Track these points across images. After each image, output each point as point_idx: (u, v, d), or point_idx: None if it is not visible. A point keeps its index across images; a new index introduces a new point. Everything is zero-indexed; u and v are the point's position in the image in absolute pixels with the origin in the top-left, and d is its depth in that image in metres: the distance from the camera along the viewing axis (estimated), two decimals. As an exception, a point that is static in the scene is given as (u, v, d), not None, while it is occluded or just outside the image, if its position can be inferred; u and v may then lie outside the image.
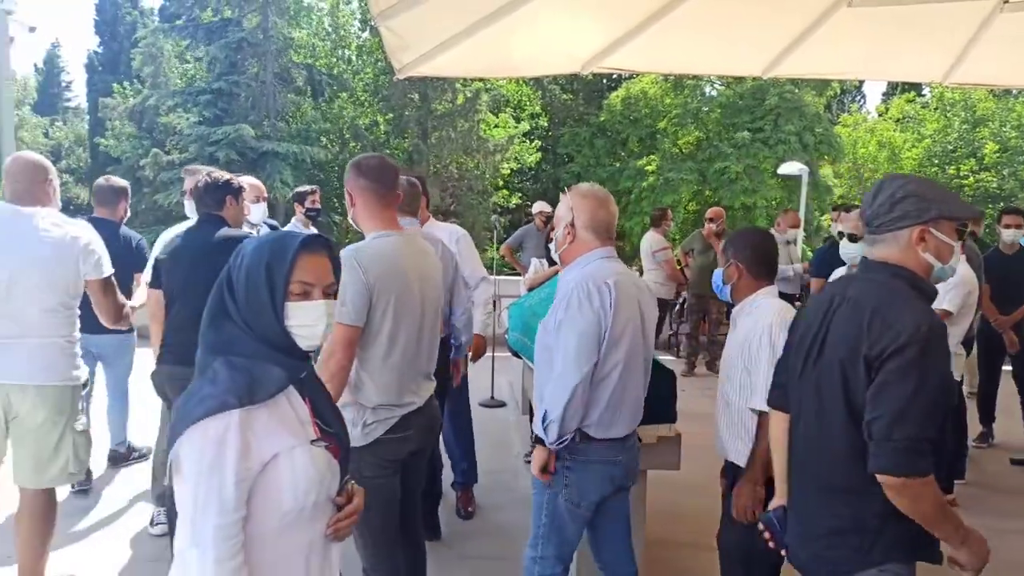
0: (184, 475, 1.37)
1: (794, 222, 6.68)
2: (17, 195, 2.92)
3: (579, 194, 2.46)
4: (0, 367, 2.84)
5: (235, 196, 3.28)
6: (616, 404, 2.37)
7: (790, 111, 19.45)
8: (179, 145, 20.02)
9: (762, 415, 2.32)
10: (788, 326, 2.27)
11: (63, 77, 39.23)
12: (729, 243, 2.62)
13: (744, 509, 2.38)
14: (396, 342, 2.43)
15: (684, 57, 5.64)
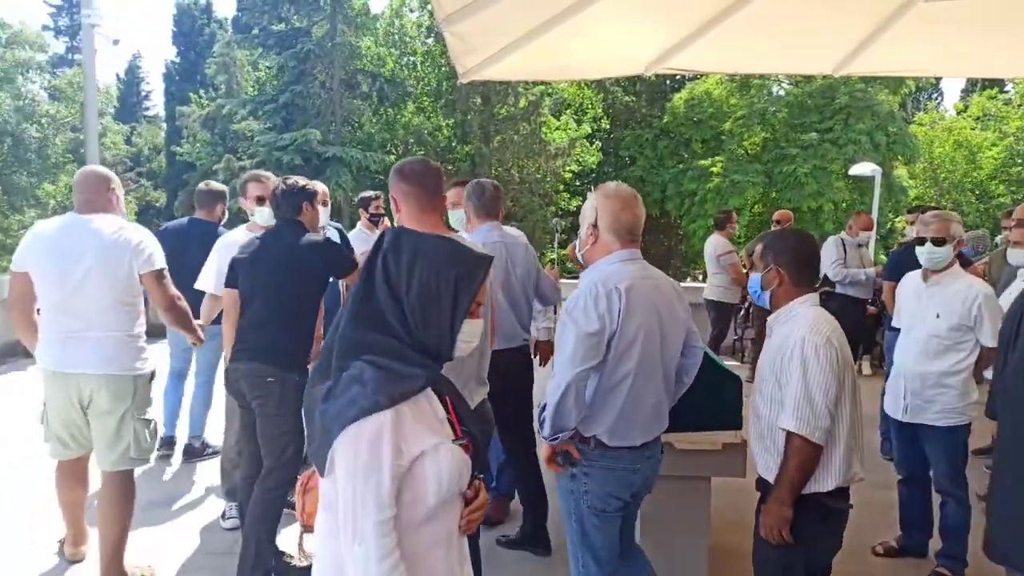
0: (340, 475, 1.41)
1: (866, 224, 6.45)
2: (83, 204, 3.23)
3: (604, 194, 2.41)
4: (70, 358, 3.12)
5: (311, 201, 3.35)
6: (630, 413, 2.32)
7: (861, 110, 18.83)
8: (249, 151, 20.66)
9: (790, 435, 2.23)
10: (825, 339, 2.23)
11: (143, 87, 40.93)
12: (768, 246, 2.46)
13: (770, 529, 2.29)
14: None
15: (751, 56, 5.53)
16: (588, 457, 2.34)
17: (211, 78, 24.58)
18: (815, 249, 2.49)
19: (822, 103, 19.40)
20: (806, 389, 2.20)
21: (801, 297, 2.37)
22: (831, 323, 2.33)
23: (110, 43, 9.42)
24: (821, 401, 2.19)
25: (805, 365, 2.21)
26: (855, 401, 2.32)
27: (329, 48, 20.82)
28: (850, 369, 2.31)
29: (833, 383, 2.21)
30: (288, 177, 3.40)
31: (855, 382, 2.34)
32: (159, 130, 35.64)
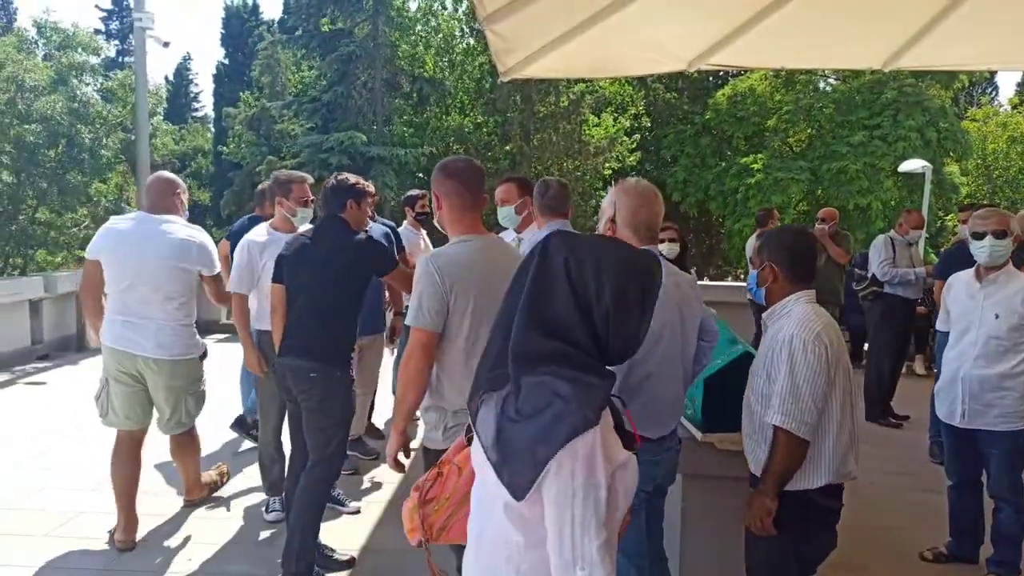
0: (551, 498, 1.31)
1: (917, 223, 6.28)
2: (151, 206, 3.69)
3: (623, 190, 2.42)
4: (130, 339, 3.60)
5: (357, 199, 3.39)
6: (651, 407, 2.35)
7: (911, 106, 18.31)
8: (293, 150, 20.99)
9: (776, 429, 2.24)
10: (815, 335, 2.22)
11: (192, 88, 41.86)
12: (764, 244, 2.47)
13: (753, 519, 2.31)
14: (476, 346, 2.39)
15: (796, 51, 5.43)
16: None
17: (256, 79, 25.02)
18: (811, 246, 2.47)
19: (870, 99, 18.93)
20: (793, 384, 2.21)
21: (796, 294, 2.37)
22: (824, 319, 2.32)
23: (160, 45, 9.65)
24: (808, 397, 2.20)
25: (793, 360, 2.22)
26: (848, 399, 2.32)
27: (371, 49, 21.03)
28: (843, 366, 2.30)
29: (821, 379, 2.21)
30: (340, 173, 3.48)
31: (849, 380, 2.34)
32: (207, 131, 36.41)
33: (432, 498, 1.66)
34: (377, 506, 4.31)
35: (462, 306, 2.40)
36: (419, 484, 1.71)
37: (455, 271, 2.39)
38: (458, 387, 2.43)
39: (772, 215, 7.52)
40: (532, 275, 1.41)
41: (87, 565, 3.53)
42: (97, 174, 15.66)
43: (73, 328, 8.39)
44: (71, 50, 15.78)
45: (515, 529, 1.37)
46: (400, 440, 2.55)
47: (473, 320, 2.42)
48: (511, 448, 1.34)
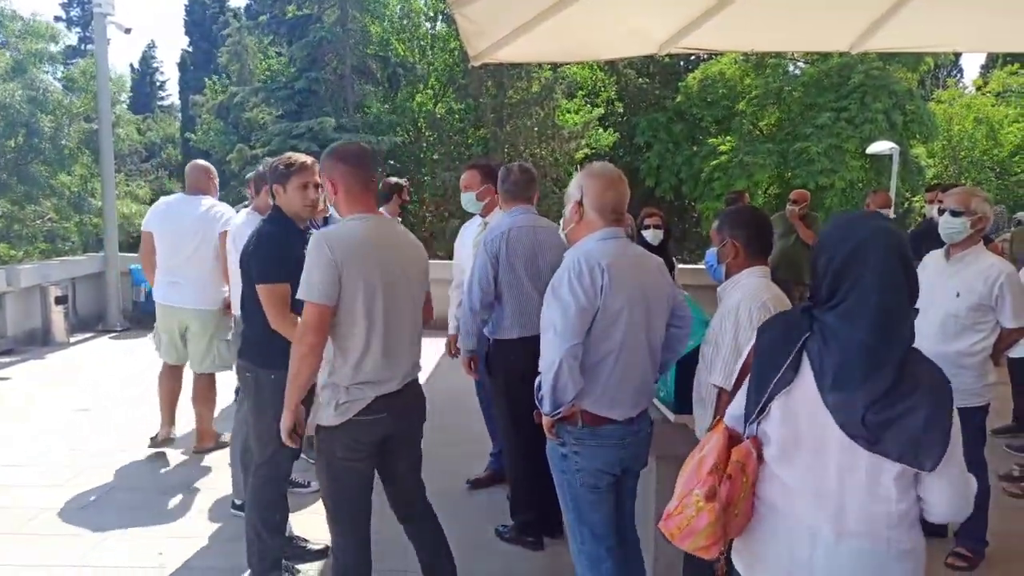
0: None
1: (884, 202, 6.36)
2: (189, 187, 4.75)
3: (589, 174, 2.49)
4: (174, 296, 4.61)
5: (281, 183, 3.07)
6: (615, 387, 2.40)
7: (878, 88, 18.50)
8: (262, 139, 20.68)
9: (721, 391, 2.32)
10: (761, 304, 2.32)
11: (157, 76, 41.06)
12: (724, 222, 2.58)
13: None
14: (372, 323, 2.46)
15: (765, 34, 5.46)
16: (577, 436, 2.43)
17: (223, 66, 24.57)
18: (768, 222, 2.62)
19: (838, 82, 19.10)
20: (736, 347, 2.29)
21: (751, 268, 2.49)
22: (773, 291, 2.44)
23: (122, 32, 9.42)
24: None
25: (737, 326, 2.32)
26: None
27: (340, 34, 20.75)
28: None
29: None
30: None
31: None
32: (174, 120, 35.78)
33: (732, 502, 1.64)
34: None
35: (354, 281, 2.42)
36: (707, 494, 1.62)
37: (346, 247, 2.42)
38: (353, 363, 2.46)
39: (742, 198, 7.57)
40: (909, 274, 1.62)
41: (61, 561, 3.47)
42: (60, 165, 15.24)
43: (38, 321, 8.21)
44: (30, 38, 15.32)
45: (899, 497, 1.57)
46: (293, 417, 2.55)
47: (367, 296, 2.45)
48: (905, 428, 1.53)
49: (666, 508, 1.71)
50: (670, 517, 1.68)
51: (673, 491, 1.72)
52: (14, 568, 3.37)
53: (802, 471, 1.62)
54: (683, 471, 1.73)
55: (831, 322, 1.58)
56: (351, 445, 2.52)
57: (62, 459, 4.72)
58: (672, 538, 1.68)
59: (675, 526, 1.67)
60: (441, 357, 6.86)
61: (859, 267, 1.57)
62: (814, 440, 1.60)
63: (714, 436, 1.71)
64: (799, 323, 1.64)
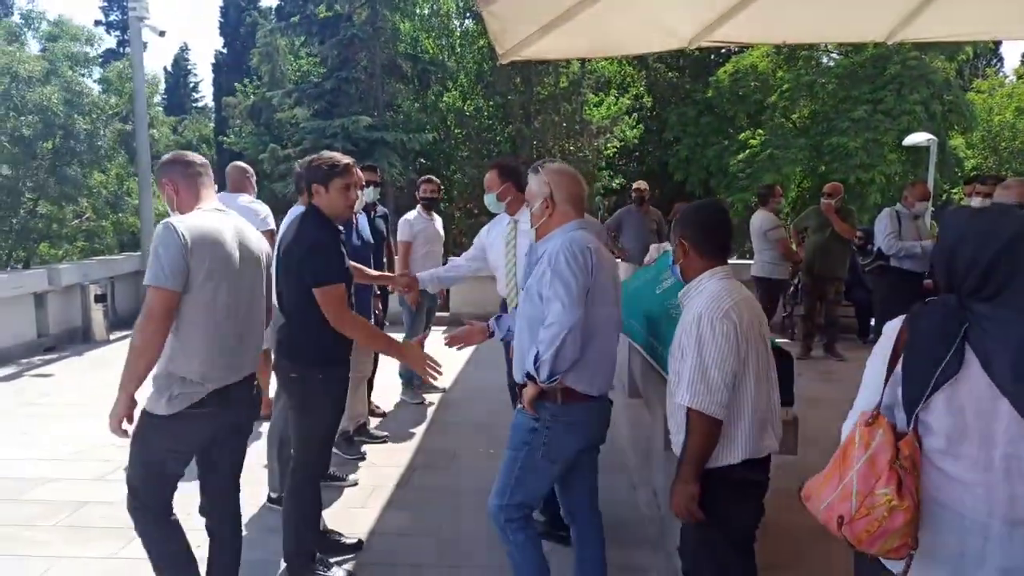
0: None
1: (923, 195, 6.22)
2: (232, 186, 5.26)
3: (555, 172, 2.69)
4: None
5: (321, 183, 3.07)
6: (597, 363, 2.58)
7: (915, 79, 18.11)
8: (294, 139, 20.89)
9: (690, 411, 2.24)
10: (724, 313, 2.22)
11: (191, 78, 41.71)
12: (677, 220, 2.52)
13: (680, 508, 2.30)
14: (214, 313, 2.48)
15: (798, 25, 5.37)
16: (552, 413, 2.56)
17: (255, 68, 24.85)
18: (723, 221, 2.48)
19: (873, 73, 18.73)
20: (701, 363, 2.22)
21: (710, 270, 2.37)
22: (736, 295, 2.30)
23: (157, 35, 9.59)
24: (717, 375, 2.20)
25: (700, 340, 2.22)
26: (764, 373, 2.32)
27: (371, 33, 20.88)
28: (755, 341, 2.28)
29: (730, 356, 2.21)
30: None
31: (764, 353, 2.33)
32: (208, 121, 36.29)
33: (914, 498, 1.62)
34: (383, 490, 4.32)
35: (203, 268, 2.44)
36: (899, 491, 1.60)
37: (195, 234, 2.45)
38: (193, 355, 2.46)
39: (774, 191, 7.45)
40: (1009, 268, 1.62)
41: (96, 553, 3.55)
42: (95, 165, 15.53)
43: (79, 320, 8.40)
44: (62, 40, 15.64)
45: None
46: (128, 404, 2.48)
47: (213, 286, 2.47)
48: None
49: (836, 511, 1.66)
50: (854, 521, 1.62)
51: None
52: (48, 560, 3.45)
53: (968, 463, 1.61)
54: (841, 469, 1.69)
55: (989, 312, 1.59)
56: (177, 438, 2.54)
57: (102, 454, 4.82)
58: (858, 543, 1.64)
59: (863, 529, 1.62)
60: (472, 353, 6.88)
61: (1017, 257, 1.60)
62: (980, 431, 1.59)
63: (878, 430, 1.66)
64: (955, 313, 1.63)
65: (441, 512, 3.96)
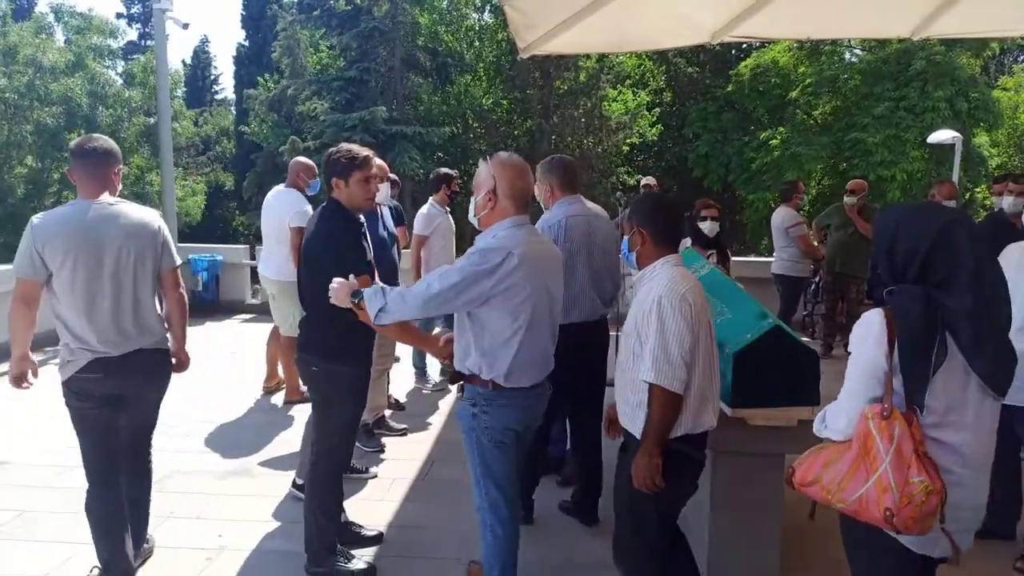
0: None
1: (949, 193, 6.13)
2: (289, 181, 5.47)
3: (500, 163, 2.65)
4: (264, 268, 5.55)
5: (341, 176, 3.10)
6: (523, 361, 2.62)
7: (940, 75, 17.85)
8: (314, 131, 20.99)
9: (652, 387, 2.36)
10: (681, 296, 2.36)
11: (211, 71, 41.91)
12: (633, 209, 2.64)
13: (643, 480, 2.40)
14: (75, 293, 2.81)
15: (822, 21, 5.30)
16: (486, 397, 2.65)
17: (276, 60, 24.97)
18: (676, 212, 2.65)
19: (897, 69, 18.49)
20: (663, 342, 2.34)
21: (664, 257, 2.52)
22: (689, 281, 2.46)
23: (180, 27, 9.65)
24: (677, 352, 2.34)
25: (662, 321, 2.35)
26: (710, 353, 2.46)
27: (391, 26, 20.92)
28: (705, 323, 2.43)
29: (687, 334, 2.35)
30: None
31: (711, 336, 2.48)
32: (228, 113, 36.49)
33: (941, 479, 1.82)
34: (403, 482, 4.34)
35: (61, 256, 2.78)
36: (932, 477, 1.79)
37: (48, 228, 2.80)
38: (69, 329, 2.85)
39: (797, 188, 7.38)
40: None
41: (122, 541, 3.58)
42: (120, 158, 15.69)
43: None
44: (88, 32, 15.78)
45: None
46: (23, 364, 2.92)
47: (74, 270, 2.80)
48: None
49: (877, 504, 1.82)
50: (900, 511, 1.78)
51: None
52: (74, 546, 3.48)
53: (955, 429, 1.87)
54: (866, 462, 1.86)
55: (944, 297, 1.85)
56: (78, 396, 2.93)
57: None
58: (905, 529, 1.81)
59: (908, 517, 1.79)
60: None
61: (950, 246, 1.87)
62: (960, 400, 1.86)
63: (895, 422, 1.83)
64: (927, 302, 1.86)
65: (460, 505, 3.97)
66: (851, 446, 1.92)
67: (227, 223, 30.38)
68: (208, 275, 9.34)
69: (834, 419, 2.03)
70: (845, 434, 1.97)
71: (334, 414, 3.12)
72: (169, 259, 3.10)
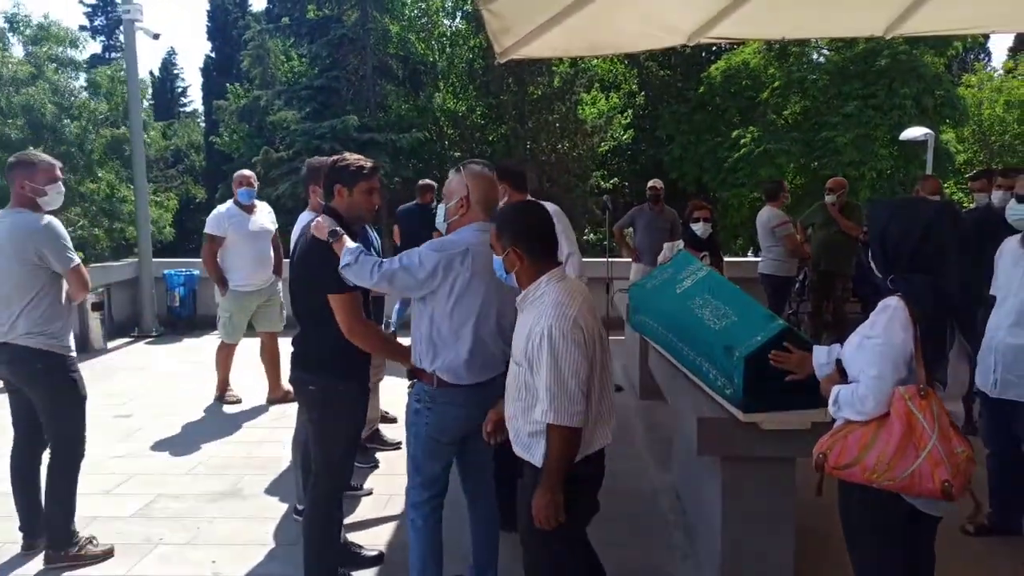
0: None
1: (934, 189, 6.16)
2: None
3: (474, 174, 2.79)
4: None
5: (344, 183, 3.01)
6: (476, 353, 2.70)
7: (906, 73, 18.13)
8: (286, 140, 20.76)
9: (552, 427, 2.22)
10: (572, 323, 2.21)
11: (178, 83, 41.33)
12: (501, 228, 2.42)
13: (546, 519, 2.28)
14: None
15: (797, 21, 5.34)
16: (431, 395, 2.74)
17: (245, 70, 24.68)
18: (548, 221, 2.44)
19: (864, 69, 18.75)
20: (559, 378, 2.20)
21: (547, 273, 2.35)
22: (578, 299, 2.30)
23: (151, 37, 9.45)
24: (574, 386, 2.21)
25: (555, 356, 2.20)
26: (604, 373, 2.38)
27: (361, 34, 20.78)
28: (599, 342, 2.33)
29: (583, 363, 2.23)
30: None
31: (603, 349, 2.37)
32: (197, 125, 36.00)
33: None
34: (399, 499, 4.22)
35: None
36: (967, 448, 2.04)
37: None
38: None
39: (782, 187, 7.38)
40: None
41: (111, 571, 3.44)
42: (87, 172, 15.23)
43: (76, 329, 8.23)
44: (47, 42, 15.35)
45: None
46: None
47: None
48: None
49: (934, 477, 1.96)
50: (954, 480, 1.95)
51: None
52: None
53: (959, 402, 2.24)
54: (913, 439, 1.99)
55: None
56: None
57: (107, 467, 4.71)
58: (959, 496, 1.98)
59: (960, 485, 1.97)
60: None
61: (937, 239, 2.05)
62: (955, 375, 2.14)
63: (932, 400, 2.00)
64: (938, 286, 2.04)
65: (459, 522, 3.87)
66: (884, 426, 2.04)
67: (200, 236, 29.88)
68: (184, 290, 9.13)
69: (861, 402, 2.09)
70: (871, 415, 2.08)
71: (333, 434, 3.00)
72: (58, 262, 3.34)
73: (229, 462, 4.82)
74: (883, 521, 2.16)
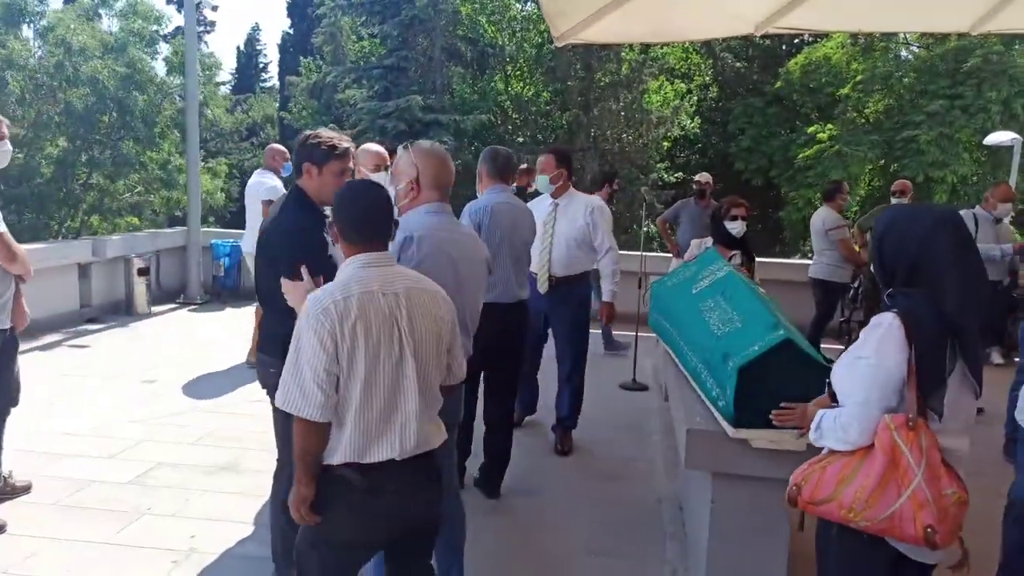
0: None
1: (1005, 196, 5.68)
2: (266, 164, 6.19)
3: (422, 153, 2.69)
4: (246, 245, 6.13)
5: (315, 162, 2.77)
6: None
7: (996, 75, 16.98)
8: (351, 118, 20.95)
9: (297, 419, 2.03)
10: (323, 309, 1.97)
11: (261, 59, 42.34)
12: (332, 208, 2.31)
13: (296, 510, 2.11)
14: None
15: (875, 13, 5.00)
16: None
17: (317, 47, 24.99)
18: (371, 204, 2.17)
19: (953, 67, 17.64)
20: (296, 364, 2.02)
21: (352, 257, 2.14)
22: (353, 286, 2.03)
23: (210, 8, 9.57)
24: (309, 377, 1.99)
25: (298, 336, 2.03)
26: (383, 376, 2.04)
27: (432, 15, 20.76)
28: (368, 341, 2.01)
29: (323, 356, 1.97)
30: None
31: (388, 357, 2.04)
32: (273, 101, 36.83)
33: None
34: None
35: None
36: (959, 490, 1.83)
37: None
38: None
39: (841, 188, 6.93)
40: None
41: (92, 537, 3.43)
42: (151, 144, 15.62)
43: (122, 292, 8.46)
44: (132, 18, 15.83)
45: None
46: None
47: None
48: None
49: (916, 521, 1.76)
50: (940, 525, 1.75)
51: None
52: (42, 540, 3.35)
53: (964, 436, 1.92)
54: (896, 476, 1.78)
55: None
56: None
57: (119, 431, 4.76)
58: (944, 544, 1.78)
59: (947, 531, 1.77)
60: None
61: (935, 252, 1.87)
62: (960, 403, 1.88)
63: (920, 432, 1.79)
64: (935, 309, 1.84)
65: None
66: (867, 458, 1.82)
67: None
68: (230, 261, 9.26)
69: (843, 430, 1.87)
70: (855, 445, 1.86)
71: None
72: None
73: (238, 435, 4.79)
74: (864, 567, 1.91)
